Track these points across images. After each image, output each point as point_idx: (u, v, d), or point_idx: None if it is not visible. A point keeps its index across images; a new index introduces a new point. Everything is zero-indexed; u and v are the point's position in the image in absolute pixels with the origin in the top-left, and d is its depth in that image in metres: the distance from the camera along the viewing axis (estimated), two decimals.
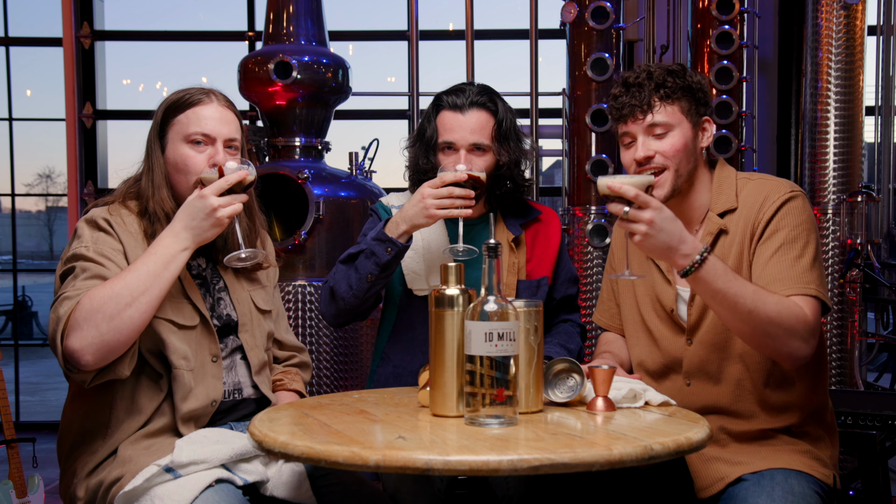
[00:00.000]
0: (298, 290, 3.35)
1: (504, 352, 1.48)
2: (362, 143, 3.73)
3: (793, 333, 1.73)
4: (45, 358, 9.75)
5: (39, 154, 30.84)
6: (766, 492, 1.74)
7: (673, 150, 1.86)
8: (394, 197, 2.42)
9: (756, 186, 1.91)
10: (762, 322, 1.71)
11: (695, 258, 1.69)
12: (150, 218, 1.88)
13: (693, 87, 1.90)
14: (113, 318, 1.66)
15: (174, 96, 1.93)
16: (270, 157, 3.66)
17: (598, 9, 3.66)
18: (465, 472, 1.31)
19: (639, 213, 1.66)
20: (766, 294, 1.72)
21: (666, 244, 1.68)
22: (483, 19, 4.50)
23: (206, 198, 1.74)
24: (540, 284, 2.28)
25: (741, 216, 1.89)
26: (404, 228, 2.09)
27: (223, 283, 1.98)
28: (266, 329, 2.03)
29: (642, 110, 1.87)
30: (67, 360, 1.67)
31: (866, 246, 3.68)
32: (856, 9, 3.69)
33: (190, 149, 1.88)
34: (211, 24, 8.53)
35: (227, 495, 1.71)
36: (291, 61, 3.46)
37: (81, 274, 1.75)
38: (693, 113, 1.90)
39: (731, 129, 3.77)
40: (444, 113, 2.23)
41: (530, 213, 2.35)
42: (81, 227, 1.84)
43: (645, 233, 1.67)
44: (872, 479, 2.51)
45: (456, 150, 2.20)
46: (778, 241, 1.83)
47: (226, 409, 1.91)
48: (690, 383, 1.91)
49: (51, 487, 3.94)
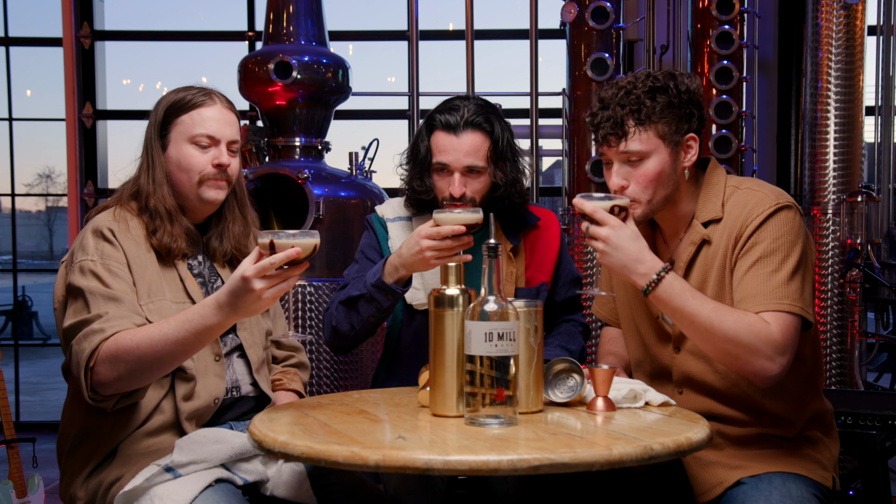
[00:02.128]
0: (298, 289, 3.35)
1: (504, 352, 1.48)
2: (362, 143, 3.73)
3: (754, 352, 1.68)
4: (45, 358, 9.75)
5: (39, 154, 30.87)
6: (763, 496, 1.72)
7: (646, 181, 1.80)
8: (387, 208, 2.36)
9: (743, 197, 1.84)
10: (720, 340, 1.69)
11: (651, 277, 1.71)
12: (151, 215, 1.88)
13: (677, 102, 1.81)
14: (139, 373, 1.70)
15: (175, 96, 1.94)
16: (270, 157, 3.67)
17: (598, 9, 3.66)
18: (465, 472, 1.31)
19: (597, 229, 1.72)
20: (725, 312, 1.70)
21: (622, 262, 1.71)
22: (483, 19, 4.50)
23: (249, 281, 1.59)
24: (539, 291, 2.26)
25: (725, 227, 1.83)
26: (403, 273, 2.06)
27: (221, 281, 1.98)
28: (264, 327, 2.04)
29: (616, 136, 1.80)
30: (94, 390, 1.71)
31: (866, 246, 3.68)
32: (856, 9, 3.69)
33: (194, 149, 1.90)
34: (211, 24, 8.52)
35: (227, 495, 1.71)
36: (291, 61, 3.47)
37: (93, 300, 1.74)
38: (673, 134, 1.81)
39: (731, 129, 3.77)
40: (438, 133, 2.16)
41: (528, 220, 2.31)
42: (87, 236, 1.84)
43: (601, 250, 1.72)
44: (872, 479, 2.50)
45: (450, 173, 2.15)
46: (755, 256, 1.77)
47: (225, 406, 1.92)
48: (682, 391, 1.90)
49: (51, 487, 3.94)
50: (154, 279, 1.85)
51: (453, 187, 2.13)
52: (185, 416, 1.82)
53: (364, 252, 2.30)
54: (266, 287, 1.60)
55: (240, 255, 1.98)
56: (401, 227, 2.30)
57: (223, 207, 1.99)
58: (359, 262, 2.29)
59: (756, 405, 1.84)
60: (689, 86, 1.84)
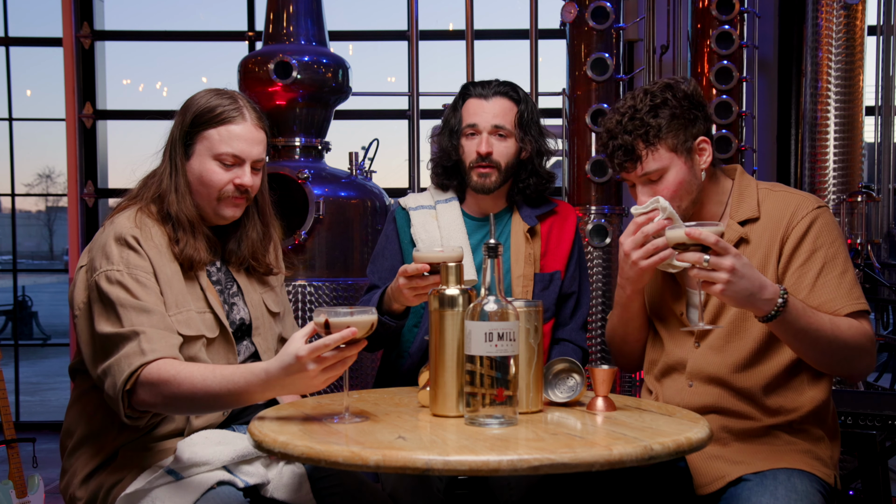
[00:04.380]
0: (298, 290, 3.36)
1: (504, 352, 1.48)
2: (362, 143, 3.73)
3: (865, 352, 1.77)
4: (45, 358, 9.77)
5: (39, 154, 30.82)
6: (769, 491, 1.74)
7: (670, 194, 1.85)
8: (410, 199, 2.41)
9: (781, 198, 1.90)
10: (841, 349, 1.75)
11: (777, 302, 1.68)
12: (173, 224, 1.85)
13: (679, 112, 1.85)
14: (173, 407, 1.71)
15: (206, 103, 1.87)
16: (270, 157, 3.66)
17: (598, 9, 3.66)
18: (465, 472, 1.31)
19: (720, 260, 1.63)
20: (837, 320, 1.76)
21: (748, 291, 1.66)
22: (483, 19, 4.50)
23: (304, 362, 1.53)
24: (553, 279, 2.30)
25: (766, 227, 1.88)
26: (396, 306, 2.11)
27: (237, 286, 1.98)
28: (276, 331, 2.05)
29: (631, 161, 1.86)
30: (132, 407, 1.70)
31: (866, 246, 3.68)
32: (856, 9, 3.69)
33: (217, 166, 1.86)
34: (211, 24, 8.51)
35: (229, 498, 1.71)
36: (291, 61, 3.47)
37: (124, 312, 1.71)
38: (683, 143, 1.86)
39: (730, 130, 3.77)
40: (470, 100, 2.30)
41: (547, 204, 2.37)
42: (110, 243, 1.77)
43: (727, 280, 1.64)
44: (872, 479, 2.50)
45: (479, 133, 2.25)
46: (819, 262, 1.83)
47: (235, 413, 1.92)
48: (693, 384, 1.91)
49: (51, 487, 3.94)
50: (179, 289, 1.82)
51: (480, 146, 2.23)
52: (195, 426, 1.82)
53: (383, 250, 2.37)
54: (320, 368, 1.53)
55: (256, 264, 1.98)
56: (424, 215, 2.34)
57: (242, 214, 1.96)
58: (376, 260, 2.37)
59: (766, 399, 1.87)
60: (686, 91, 1.88)
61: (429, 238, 2.28)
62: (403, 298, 1.99)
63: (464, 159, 2.28)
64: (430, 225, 2.30)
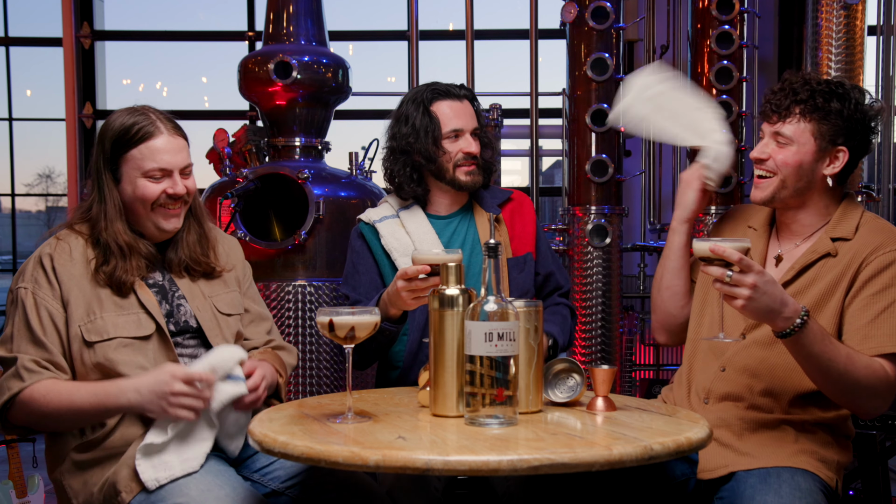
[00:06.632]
0: (298, 290, 3.35)
1: (504, 352, 1.48)
2: (362, 143, 3.73)
3: (875, 394, 1.78)
4: None
5: (39, 154, 30.75)
6: (773, 489, 1.76)
7: (783, 163, 1.89)
8: (371, 213, 2.41)
9: (878, 228, 1.91)
10: (849, 384, 1.75)
11: (796, 321, 1.69)
12: (102, 249, 1.88)
13: (847, 115, 1.87)
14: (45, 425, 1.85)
15: (120, 126, 1.89)
16: (270, 157, 3.66)
17: (598, 9, 3.66)
18: (465, 472, 1.31)
19: (742, 276, 1.66)
20: (856, 359, 1.75)
21: (768, 307, 1.68)
22: (483, 19, 4.51)
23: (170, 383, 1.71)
24: (526, 260, 2.36)
25: (852, 248, 1.89)
26: (393, 311, 2.11)
27: (180, 291, 1.97)
28: (234, 329, 2.01)
29: (779, 114, 1.90)
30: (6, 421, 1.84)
31: None
32: (856, 9, 3.68)
33: (148, 181, 1.89)
34: (211, 24, 8.49)
35: (230, 479, 1.76)
36: (291, 61, 3.46)
37: (18, 336, 1.82)
38: (826, 138, 1.88)
39: (730, 129, 3.76)
40: (443, 104, 2.33)
41: (503, 194, 2.46)
42: (30, 260, 1.88)
43: (748, 296, 1.66)
44: (872, 479, 2.51)
45: (461, 135, 2.32)
46: (889, 298, 1.82)
47: None
48: (725, 370, 1.93)
49: (51, 487, 3.93)
50: (92, 296, 1.85)
51: (470, 146, 2.31)
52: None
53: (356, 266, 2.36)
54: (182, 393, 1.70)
55: (195, 265, 1.98)
56: (390, 225, 2.35)
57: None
58: (350, 278, 2.36)
59: (790, 396, 1.89)
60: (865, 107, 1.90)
61: (401, 245, 2.30)
62: (401, 302, 1.98)
63: (444, 161, 2.31)
64: (398, 233, 2.32)
